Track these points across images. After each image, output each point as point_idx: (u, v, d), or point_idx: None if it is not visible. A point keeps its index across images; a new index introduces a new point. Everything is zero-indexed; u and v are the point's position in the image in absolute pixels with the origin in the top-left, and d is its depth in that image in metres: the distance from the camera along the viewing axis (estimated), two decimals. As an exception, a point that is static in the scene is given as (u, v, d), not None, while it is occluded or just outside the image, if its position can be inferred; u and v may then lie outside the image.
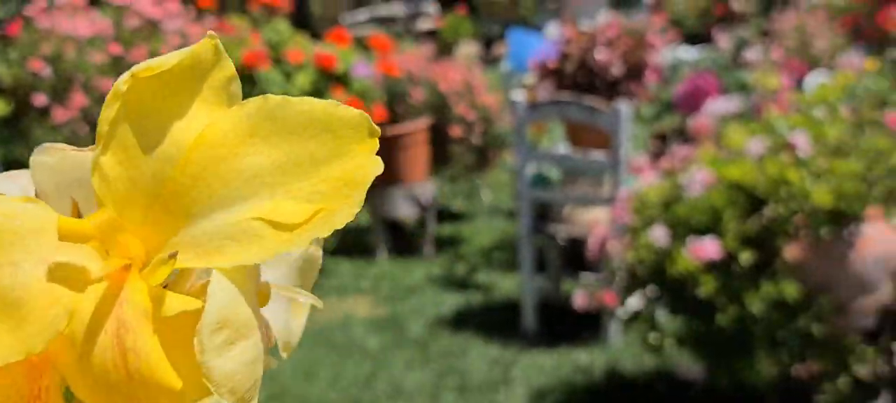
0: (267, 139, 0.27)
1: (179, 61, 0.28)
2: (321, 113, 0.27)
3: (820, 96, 2.25)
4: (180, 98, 0.28)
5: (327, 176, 0.27)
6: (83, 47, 2.83)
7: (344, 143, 0.27)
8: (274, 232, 0.27)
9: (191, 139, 0.28)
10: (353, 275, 3.54)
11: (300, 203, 0.27)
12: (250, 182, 0.27)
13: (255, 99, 0.28)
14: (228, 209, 0.27)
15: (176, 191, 0.28)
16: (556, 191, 2.97)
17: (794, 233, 2.11)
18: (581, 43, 2.82)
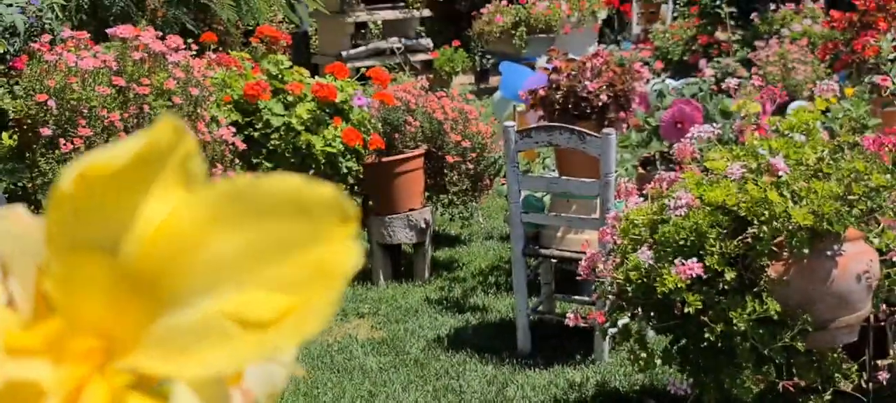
0: (233, 224, 0.26)
1: (134, 154, 0.26)
2: (293, 192, 0.25)
3: (799, 120, 2.35)
4: (136, 188, 0.26)
5: (302, 262, 0.25)
6: (88, 80, 2.93)
7: (319, 226, 0.25)
8: (243, 332, 0.25)
9: (149, 230, 0.26)
10: (353, 299, 3.62)
11: (272, 293, 0.25)
12: (215, 272, 0.25)
13: (221, 181, 0.26)
14: (193, 304, 0.25)
15: (135, 287, 0.26)
16: (547, 214, 3.07)
17: (777, 252, 2.20)
18: (569, 72, 2.93)
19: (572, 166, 3.00)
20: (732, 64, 5.87)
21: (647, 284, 2.25)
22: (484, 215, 4.51)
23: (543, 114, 3.02)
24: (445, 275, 3.88)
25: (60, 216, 0.26)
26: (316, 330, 0.25)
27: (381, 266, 3.82)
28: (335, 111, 3.39)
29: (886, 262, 2.32)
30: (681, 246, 2.21)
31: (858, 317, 2.29)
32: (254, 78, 3.38)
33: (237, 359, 0.25)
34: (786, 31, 5.88)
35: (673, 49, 6.80)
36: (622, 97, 2.95)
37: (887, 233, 2.30)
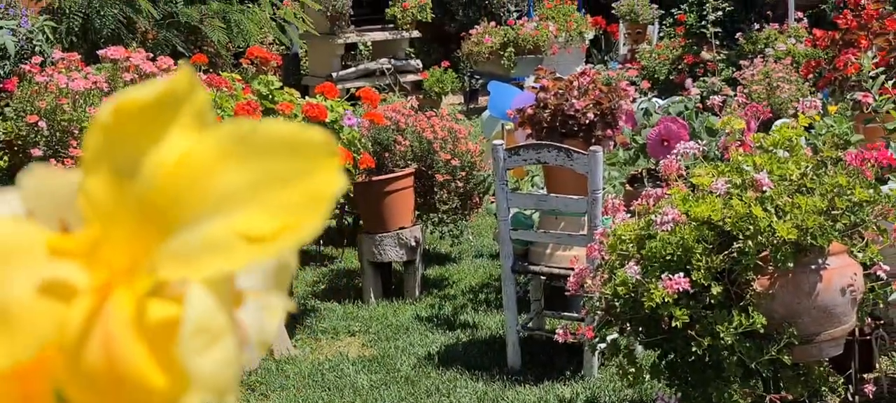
0: (240, 160, 0.29)
1: (158, 93, 0.30)
2: (289, 135, 0.29)
3: (781, 136, 2.39)
4: (158, 125, 0.30)
5: (296, 191, 0.29)
6: (79, 101, 2.95)
7: (310, 162, 0.29)
8: (246, 244, 0.29)
9: (170, 162, 0.30)
10: (344, 317, 3.63)
11: (271, 216, 0.29)
12: (225, 199, 0.29)
13: (228, 123, 0.30)
14: (205, 223, 0.29)
15: (157, 209, 0.29)
16: (535, 231, 3.09)
17: (763, 267, 2.23)
18: (557, 91, 2.97)
19: (560, 183, 3.03)
20: (718, 83, 5.93)
21: (634, 299, 2.27)
22: (473, 233, 4.53)
23: (531, 132, 3.05)
24: (436, 293, 3.90)
25: (96, 143, 0.30)
26: (306, 240, 0.29)
27: (372, 284, 3.84)
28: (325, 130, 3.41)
29: (870, 276, 2.35)
30: (668, 261, 2.24)
31: (843, 330, 2.32)
32: (244, 98, 3.41)
33: (241, 262, 0.29)
34: (770, 51, 5.96)
35: (659, 68, 6.87)
36: (609, 115, 2.99)
37: (871, 247, 2.34)
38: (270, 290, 0.34)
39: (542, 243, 3.09)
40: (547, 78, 3.04)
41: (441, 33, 9.50)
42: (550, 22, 7.58)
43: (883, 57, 3.07)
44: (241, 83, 3.69)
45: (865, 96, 2.83)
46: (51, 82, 2.96)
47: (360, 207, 3.95)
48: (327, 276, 4.17)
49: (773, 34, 6.54)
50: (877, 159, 2.34)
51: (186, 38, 5.26)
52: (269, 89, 3.46)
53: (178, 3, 5.22)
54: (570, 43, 7.62)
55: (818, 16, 7.53)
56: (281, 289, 0.34)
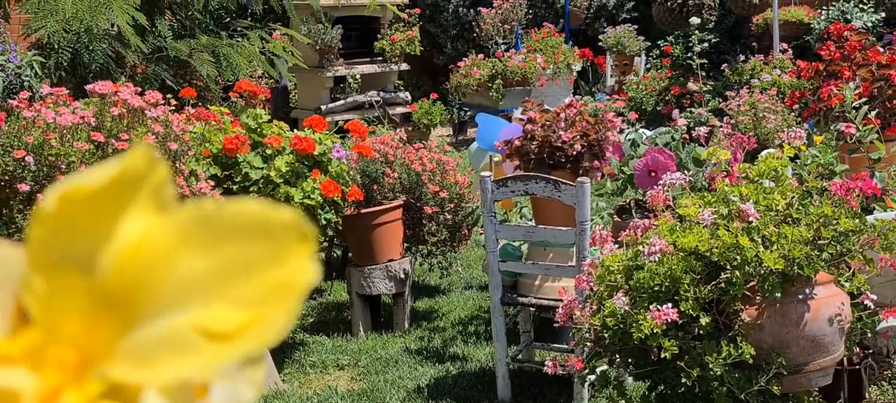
0: (201, 245, 0.27)
1: (110, 177, 0.28)
2: (256, 216, 0.27)
3: (767, 167, 2.41)
4: (112, 210, 0.28)
5: (263, 281, 0.27)
6: (66, 136, 2.94)
7: (279, 247, 0.27)
8: (209, 344, 0.27)
9: (125, 249, 0.28)
10: (333, 351, 3.61)
11: (236, 309, 0.27)
12: (185, 289, 0.27)
13: (189, 204, 0.28)
14: (163, 318, 0.27)
15: (111, 301, 0.28)
16: (524, 263, 3.09)
17: (750, 297, 2.23)
18: (544, 122, 2.98)
19: (548, 215, 3.04)
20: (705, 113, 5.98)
21: (623, 330, 2.27)
22: (463, 265, 4.52)
23: (519, 163, 3.07)
24: (425, 325, 3.89)
25: (42, 234, 0.28)
26: (274, 341, 0.27)
27: (361, 317, 3.82)
28: (314, 163, 3.42)
29: (858, 305, 2.36)
30: (656, 292, 2.24)
31: (832, 360, 2.32)
32: (233, 132, 3.41)
33: (203, 367, 0.27)
34: (755, 82, 6.01)
35: (646, 100, 6.93)
36: (596, 146, 3.01)
37: (858, 277, 2.35)
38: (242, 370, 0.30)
39: (530, 274, 3.09)
40: (534, 110, 3.06)
41: (430, 66, 9.56)
42: (538, 54, 7.64)
43: (866, 88, 3.10)
44: (229, 116, 3.70)
45: (848, 127, 2.86)
46: (38, 117, 2.96)
47: (349, 240, 3.94)
48: (316, 309, 4.15)
49: (758, 65, 6.61)
50: (861, 189, 2.36)
51: (175, 72, 5.27)
52: (257, 122, 3.46)
53: (167, 37, 5.24)
54: (558, 75, 7.67)
55: (803, 47, 7.62)
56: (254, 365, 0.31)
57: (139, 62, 5.17)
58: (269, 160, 3.35)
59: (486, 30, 8.16)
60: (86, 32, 4.63)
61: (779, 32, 7.18)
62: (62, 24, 4.50)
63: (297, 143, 3.32)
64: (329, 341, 3.73)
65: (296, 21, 6.42)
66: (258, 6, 5.83)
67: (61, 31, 4.55)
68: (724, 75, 6.76)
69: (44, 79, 4.65)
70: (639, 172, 3.52)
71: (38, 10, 4.59)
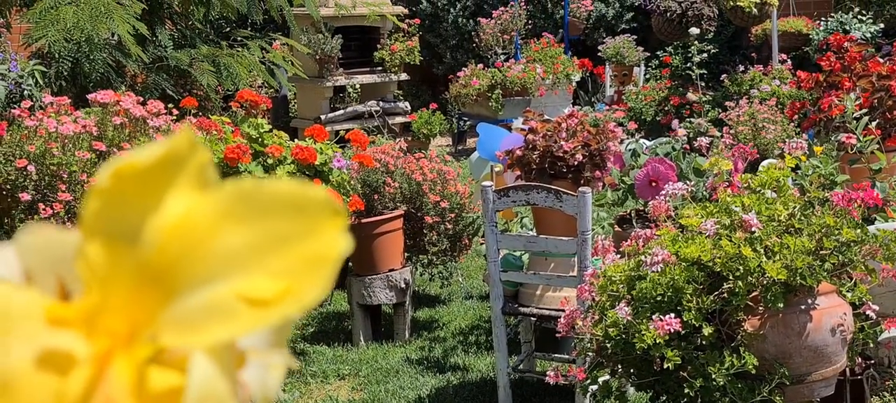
0: (241, 220, 0.29)
1: (157, 155, 0.29)
2: (291, 194, 0.29)
3: (769, 177, 2.41)
4: (159, 187, 0.29)
5: (299, 253, 0.29)
6: (68, 145, 2.95)
7: (313, 222, 0.29)
8: (249, 310, 0.28)
9: (170, 224, 0.29)
10: (334, 361, 3.60)
11: (274, 279, 0.28)
12: (227, 261, 0.29)
13: (230, 182, 0.29)
14: (207, 287, 0.29)
15: (157, 274, 0.29)
16: (525, 273, 3.09)
17: (753, 307, 2.23)
18: (545, 132, 2.99)
19: (550, 225, 3.04)
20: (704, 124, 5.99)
21: (625, 340, 2.27)
22: (463, 274, 4.52)
23: (520, 173, 3.07)
24: (426, 335, 3.88)
25: (96, 208, 0.30)
26: (310, 306, 0.29)
27: (362, 326, 3.81)
28: (315, 173, 3.42)
29: (860, 315, 2.36)
30: (658, 302, 2.24)
31: (834, 370, 2.32)
32: (234, 141, 3.41)
33: (244, 329, 0.29)
34: (755, 92, 6.03)
35: (646, 110, 6.94)
36: (597, 156, 3.01)
37: (860, 287, 2.35)
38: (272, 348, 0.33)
39: (532, 284, 3.09)
40: (535, 120, 3.07)
41: (429, 75, 9.58)
42: (537, 64, 7.65)
43: (866, 98, 3.11)
44: (230, 126, 3.70)
45: (849, 138, 2.86)
46: (40, 126, 2.96)
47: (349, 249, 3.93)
48: (316, 319, 4.15)
49: (757, 76, 6.63)
50: (863, 199, 2.37)
51: (176, 81, 5.28)
52: (258, 132, 3.47)
53: (167, 47, 5.25)
54: (557, 85, 7.68)
55: (802, 58, 7.64)
56: (281, 346, 0.34)
57: (139, 72, 5.18)
58: (270, 170, 3.35)
59: (485, 40, 8.18)
60: (86, 42, 4.63)
61: (778, 43, 7.20)
62: (63, 34, 4.50)
63: (299, 153, 3.33)
64: (330, 351, 3.72)
65: (296, 31, 6.44)
66: (258, 16, 5.84)
67: (62, 41, 4.55)
68: (724, 86, 6.77)
69: (44, 89, 4.65)
70: (639, 182, 3.52)
71: (39, 20, 4.59)
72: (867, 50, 3.43)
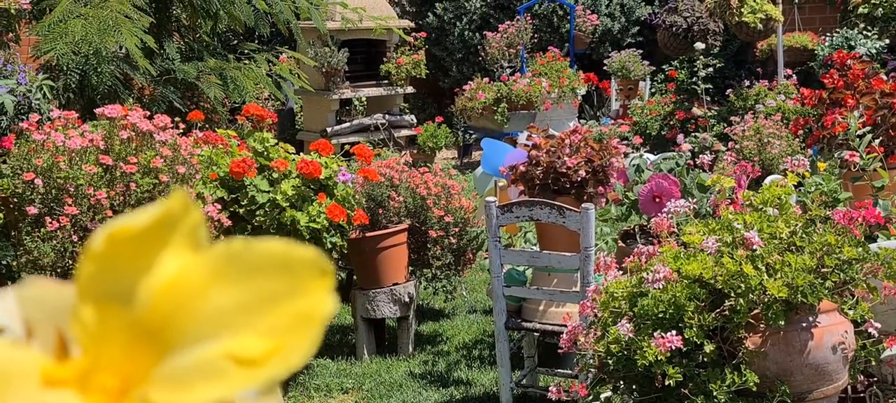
0: (231, 280, 0.30)
1: (151, 219, 0.31)
2: (280, 254, 0.30)
3: (770, 195, 2.42)
4: (152, 249, 0.31)
5: (287, 312, 0.30)
6: (75, 159, 2.97)
7: (301, 282, 0.30)
8: (238, 369, 0.29)
9: (162, 284, 0.30)
10: (338, 374, 3.61)
11: (262, 338, 0.30)
12: (217, 321, 0.30)
13: (219, 244, 0.31)
14: (197, 347, 0.30)
15: (149, 333, 0.30)
16: (528, 288, 3.10)
17: (754, 324, 2.24)
18: (548, 148, 3.00)
19: (553, 240, 3.05)
20: (709, 138, 6.00)
21: (627, 357, 2.28)
22: (467, 288, 4.53)
23: (524, 189, 3.08)
24: (429, 349, 3.89)
25: (90, 270, 0.31)
26: (298, 365, 0.30)
27: (365, 340, 3.83)
28: (320, 187, 3.44)
29: (862, 333, 2.36)
30: (660, 319, 2.25)
31: (836, 388, 2.32)
32: (240, 155, 3.44)
33: (232, 388, 0.30)
34: (760, 107, 6.04)
35: (651, 124, 6.95)
36: (600, 172, 3.02)
37: (862, 305, 2.35)
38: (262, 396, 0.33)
39: (535, 299, 3.09)
40: (538, 135, 3.08)
41: (435, 89, 9.61)
42: (543, 78, 7.68)
43: (869, 116, 3.12)
44: (236, 139, 3.73)
45: (852, 155, 2.87)
46: (48, 140, 2.99)
47: (354, 263, 3.95)
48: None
49: (762, 91, 6.64)
50: (865, 217, 2.37)
51: (183, 94, 5.31)
52: (264, 146, 3.49)
53: (175, 60, 5.28)
54: (563, 99, 7.70)
55: (807, 73, 7.65)
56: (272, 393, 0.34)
57: (147, 84, 5.21)
58: (275, 183, 3.38)
59: (491, 53, 8.21)
60: (94, 55, 4.67)
61: (783, 58, 7.21)
62: (71, 47, 4.54)
63: (304, 167, 3.35)
64: (333, 364, 3.73)
65: (302, 44, 6.47)
66: (265, 29, 5.88)
67: (70, 54, 4.59)
68: (729, 100, 6.78)
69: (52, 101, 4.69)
70: (643, 198, 3.53)
71: (47, 33, 4.64)
72: (871, 67, 3.44)
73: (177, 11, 5.64)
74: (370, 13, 7.06)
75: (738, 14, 6.40)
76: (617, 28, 9.36)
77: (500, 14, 9.12)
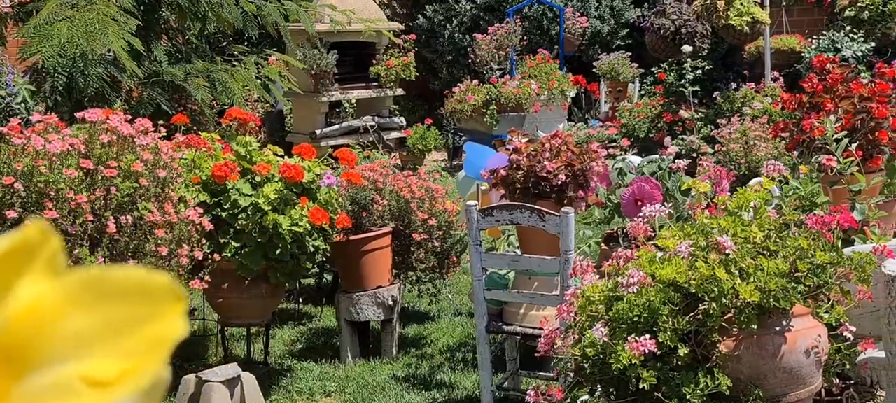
0: (87, 306, 0.31)
1: (8, 248, 0.32)
2: (136, 280, 0.32)
3: (746, 199, 2.43)
4: (9, 276, 0.32)
5: (140, 336, 0.31)
6: (56, 163, 2.97)
7: (155, 306, 0.32)
8: (90, 391, 0.30)
9: (19, 310, 0.31)
10: (321, 377, 3.62)
11: (116, 360, 0.31)
12: (73, 344, 0.31)
13: (77, 271, 0.32)
14: (53, 368, 0.31)
15: (6, 356, 0.31)
16: (509, 291, 3.11)
17: (728, 328, 2.26)
18: (529, 152, 3.02)
19: (534, 244, 3.07)
20: (696, 141, 6.02)
21: (603, 360, 2.29)
22: (452, 291, 4.54)
23: (505, 193, 3.10)
24: (413, 352, 3.90)
25: None
26: (150, 387, 0.31)
27: (349, 343, 3.83)
28: (302, 191, 3.45)
29: (837, 337, 2.38)
30: (635, 323, 2.26)
31: (809, 392, 2.34)
32: (224, 158, 3.45)
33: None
34: (747, 110, 6.06)
35: (639, 126, 6.97)
36: (580, 176, 3.04)
37: (837, 308, 2.37)
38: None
39: (516, 303, 3.11)
40: (519, 139, 3.10)
41: (425, 91, 9.62)
42: (532, 80, 7.69)
43: (848, 120, 3.14)
44: (221, 143, 3.73)
45: (829, 159, 2.89)
46: (28, 144, 2.99)
47: (338, 266, 3.96)
48: (305, 335, 4.17)
49: (749, 93, 6.66)
50: (838, 222, 2.39)
51: (171, 96, 5.31)
52: (247, 150, 3.50)
53: (162, 62, 5.28)
54: (552, 101, 7.72)
55: (794, 75, 7.68)
56: None
57: (135, 87, 5.21)
58: (258, 187, 3.38)
59: (481, 56, 8.22)
60: (81, 57, 4.67)
61: (771, 60, 7.24)
62: (57, 50, 4.54)
63: (286, 171, 3.36)
64: (317, 367, 3.74)
65: (291, 46, 6.48)
66: (254, 32, 5.88)
67: (56, 57, 4.59)
68: (716, 103, 6.81)
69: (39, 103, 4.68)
70: (625, 201, 3.55)
71: (33, 35, 4.63)
72: (851, 71, 3.46)
73: (165, 14, 5.64)
74: (359, 15, 7.06)
75: (725, 17, 6.42)
76: (606, 30, 9.38)
77: (490, 16, 9.14)
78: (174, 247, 3.02)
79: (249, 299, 3.43)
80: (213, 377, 2.86)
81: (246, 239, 3.32)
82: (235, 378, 2.90)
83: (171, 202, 3.08)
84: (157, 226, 2.97)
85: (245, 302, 3.43)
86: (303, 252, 3.38)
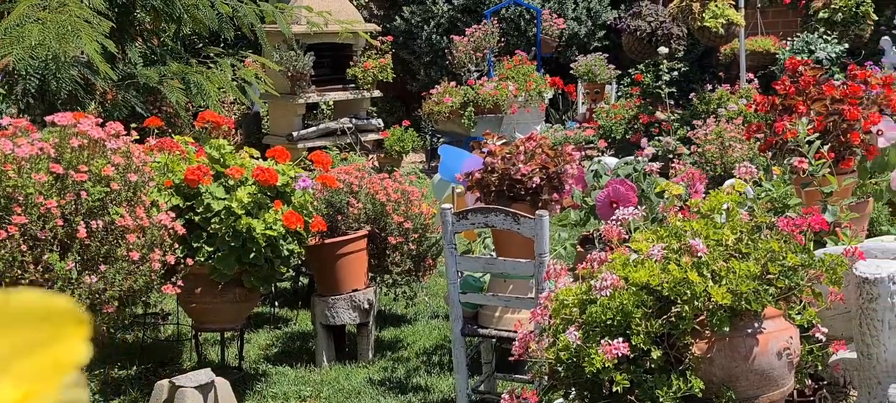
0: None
1: None
2: (37, 305, 0.33)
3: (718, 202, 2.44)
4: None
5: (41, 360, 0.32)
6: (25, 167, 2.93)
7: (56, 330, 0.32)
8: None
9: None
10: (296, 382, 3.60)
11: (16, 384, 0.31)
12: None
13: None
14: None
15: None
16: (484, 294, 3.11)
17: (700, 331, 2.26)
18: (503, 155, 3.01)
19: (509, 246, 3.07)
20: (673, 142, 6.05)
21: (576, 364, 2.29)
22: (428, 294, 4.53)
23: (480, 196, 3.09)
24: (390, 355, 3.89)
25: None
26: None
27: (325, 347, 3.81)
28: (276, 194, 3.43)
29: (810, 338, 2.39)
30: (608, 326, 2.26)
31: (782, 393, 2.35)
32: (198, 161, 3.42)
33: None
34: (722, 111, 6.10)
35: (616, 128, 7.00)
36: (555, 179, 3.04)
37: (809, 310, 2.39)
38: None
39: (491, 306, 3.11)
40: (493, 142, 3.10)
41: (402, 92, 9.61)
42: (510, 82, 7.70)
43: (820, 121, 3.16)
44: (194, 146, 3.70)
45: (801, 161, 2.91)
46: (-3, 149, 2.95)
47: (313, 270, 3.94)
48: (280, 339, 4.14)
49: (724, 95, 6.71)
50: (810, 224, 2.40)
51: (145, 98, 5.26)
52: (220, 153, 3.47)
53: (137, 64, 5.24)
54: (530, 102, 7.74)
55: (769, 76, 7.74)
56: None
57: (109, 89, 5.16)
58: (231, 191, 3.36)
59: (458, 57, 8.22)
60: (53, 60, 4.61)
61: (746, 62, 7.30)
62: (28, 52, 4.49)
63: (260, 174, 3.33)
64: (292, 372, 3.72)
65: (267, 48, 6.44)
66: (230, 33, 5.84)
67: (28, 59, 4.53)
68: (692, 104, 6.85)
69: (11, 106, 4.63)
70: (601, 203, 3.56)
71: (4, 37, 4.57)
72: (823, 74, 3.49)
73: (140, 15, 5.59)
74: (336, 17, 7.03)
75: (700, 19, 6.46)
76: (583, 32, 9.41)
77: (468, 18, 9.14)
78: (146, 252, 2.98)
79: (223, 303, 3.40)
80: (186, 382, 2.84)
81: (219, 243, 3.29)
82: (209, 384, 2.87)
83: (143, 206, 3.05)
84: (129, 231, 2.94)
85: (219, 306, 3.41)
86: (277, 256, 3.36)
